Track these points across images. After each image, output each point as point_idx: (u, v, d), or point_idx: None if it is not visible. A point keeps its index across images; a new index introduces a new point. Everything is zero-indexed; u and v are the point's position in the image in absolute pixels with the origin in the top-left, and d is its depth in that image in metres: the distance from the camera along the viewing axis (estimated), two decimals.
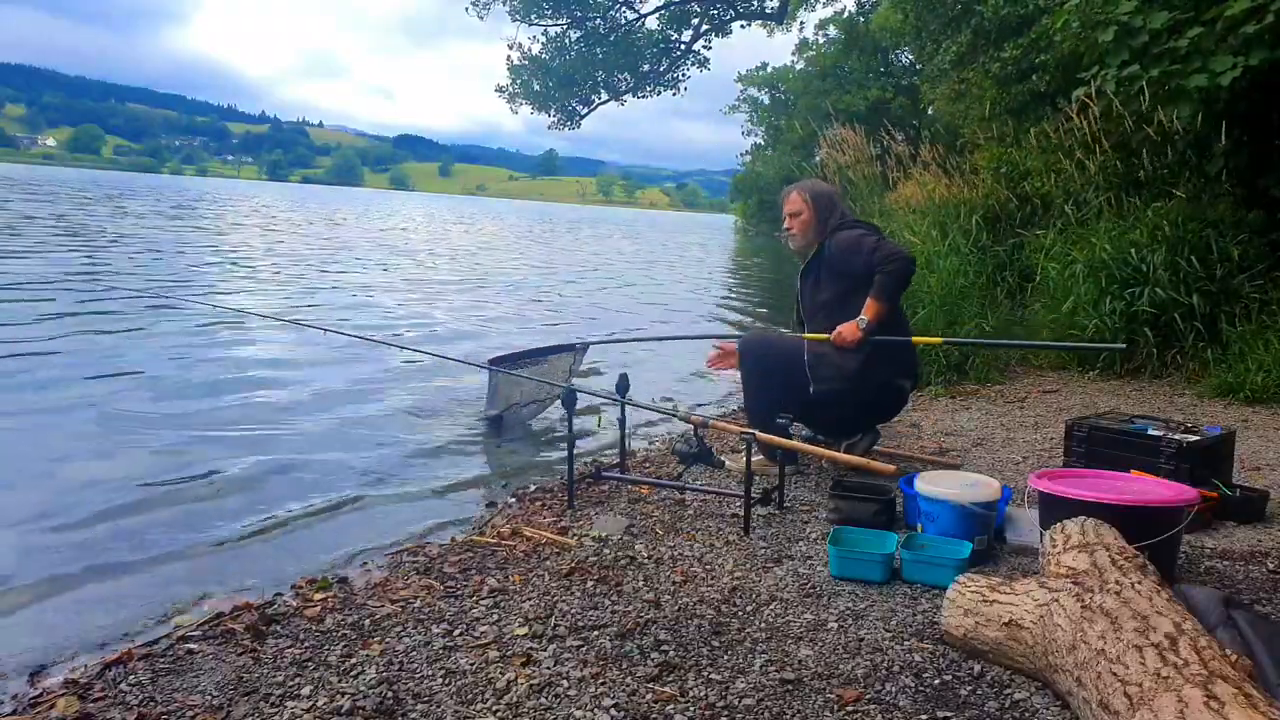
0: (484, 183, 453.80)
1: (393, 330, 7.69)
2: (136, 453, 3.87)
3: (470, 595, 2.41)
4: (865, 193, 8.88)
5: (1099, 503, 2.33)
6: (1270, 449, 4.06)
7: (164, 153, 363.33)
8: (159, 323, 7.17)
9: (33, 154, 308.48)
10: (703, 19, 25.42)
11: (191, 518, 3.16)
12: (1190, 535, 2.78)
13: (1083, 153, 6.88)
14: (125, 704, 1.84)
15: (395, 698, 1.84)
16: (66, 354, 5.78)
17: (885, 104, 23.22)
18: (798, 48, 33.42)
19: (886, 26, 19.24)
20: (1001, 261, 7.36)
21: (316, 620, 2.25)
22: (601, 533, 2.89)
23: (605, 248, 26.66)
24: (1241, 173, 6.11)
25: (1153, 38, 5.69)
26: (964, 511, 2.66)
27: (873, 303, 3.33)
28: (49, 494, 3.32)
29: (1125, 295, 5.71)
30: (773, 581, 2.51)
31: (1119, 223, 6.18)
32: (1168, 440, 3.17)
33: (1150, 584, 1.79)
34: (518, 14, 23.71)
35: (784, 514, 3.13)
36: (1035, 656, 1.87)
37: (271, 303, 8.87)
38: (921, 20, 12.78)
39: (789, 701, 1.85)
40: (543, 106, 25.55)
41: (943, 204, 7.87)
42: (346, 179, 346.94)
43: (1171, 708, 1.35)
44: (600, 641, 2.11)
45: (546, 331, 8.16)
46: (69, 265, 10.76)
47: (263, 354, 6.31)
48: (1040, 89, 9.18)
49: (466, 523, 3.19)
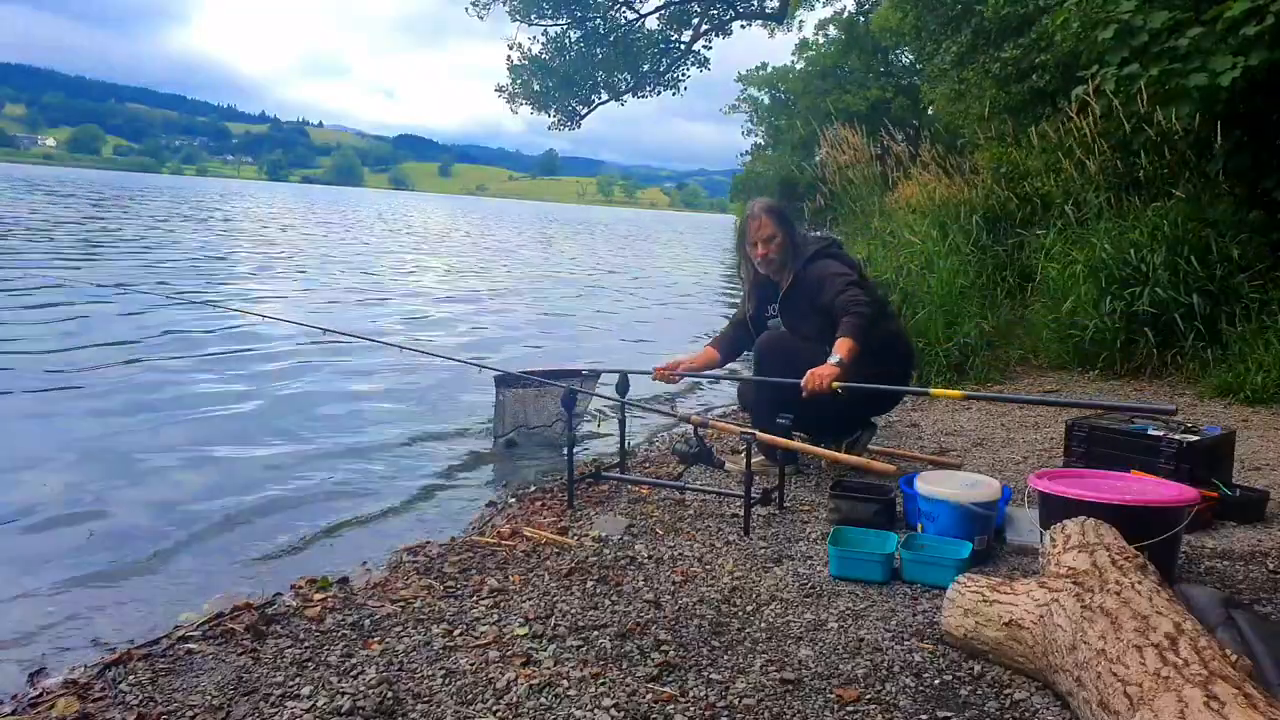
0: (484, 183, 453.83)
1: (409, 331, 7.72)
2: (137, 453, 3.87)
3: (470, 595, 2.41)
4: (865, 193, 8.87)
5: (1099, 503, 2.33)
6: (1270, 449, 4.06)
7: (164, 153, 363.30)
8: (162, 323, 7.17)
9: (33, 154, 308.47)
10: (703, 19, 25.40)
11: (190, 518, 3.15)
12: (1190, 535, 2.78)
13: (1083, 153, 6.88)
14: (125, 704, 1.84)
15: (395, 698, 1.84)
16: (69, 354, 5.78)
17: (885, 104, 23.22)
18: (798, 48, 33.42)
19: (886, 26, 19.21)
20: (1001, 261, 7.35)
21: (316, 620, 2.25)
22: (601, 533, 2.89)
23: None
24: (1241, 173, 6.11)
25: (1153, 37, 5.69)
26: (964, 511, 2.66)
27: (848, 340, 3.18)
28: (49, 494, 3.32)
29: (1125, 295, 5.71)
30: (773, 581, 2.50)
31: (1119, 223, 6.17)
32: (1168, 440, 3.17)
33: (1150, 584, 1.79)
34: (517, 14, 23.69)
35: (784, 514, 3.13)
36: (1035, 656, 1.87)
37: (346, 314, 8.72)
38: (921, 20, 12.79)
39: (789, 701, 1.85)
40: (543, 107, 25.53)
41: (943, 204, 7.86)
42: (346, 179, 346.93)
43: (1171, 708, 1.34)
44: (600, 641, 2.11)
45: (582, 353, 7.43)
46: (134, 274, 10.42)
47: (262, 353, 6.31)
48: (1041, 85, 9.18)
49: (466, 523, 3.19)
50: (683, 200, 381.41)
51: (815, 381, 3.06)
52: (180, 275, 10.72)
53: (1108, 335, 5.74)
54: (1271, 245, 5.83)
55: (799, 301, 3.53)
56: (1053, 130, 7.44)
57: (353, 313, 8.76)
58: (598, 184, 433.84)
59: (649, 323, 9.98)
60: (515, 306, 10.47)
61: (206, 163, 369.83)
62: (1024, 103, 9.65)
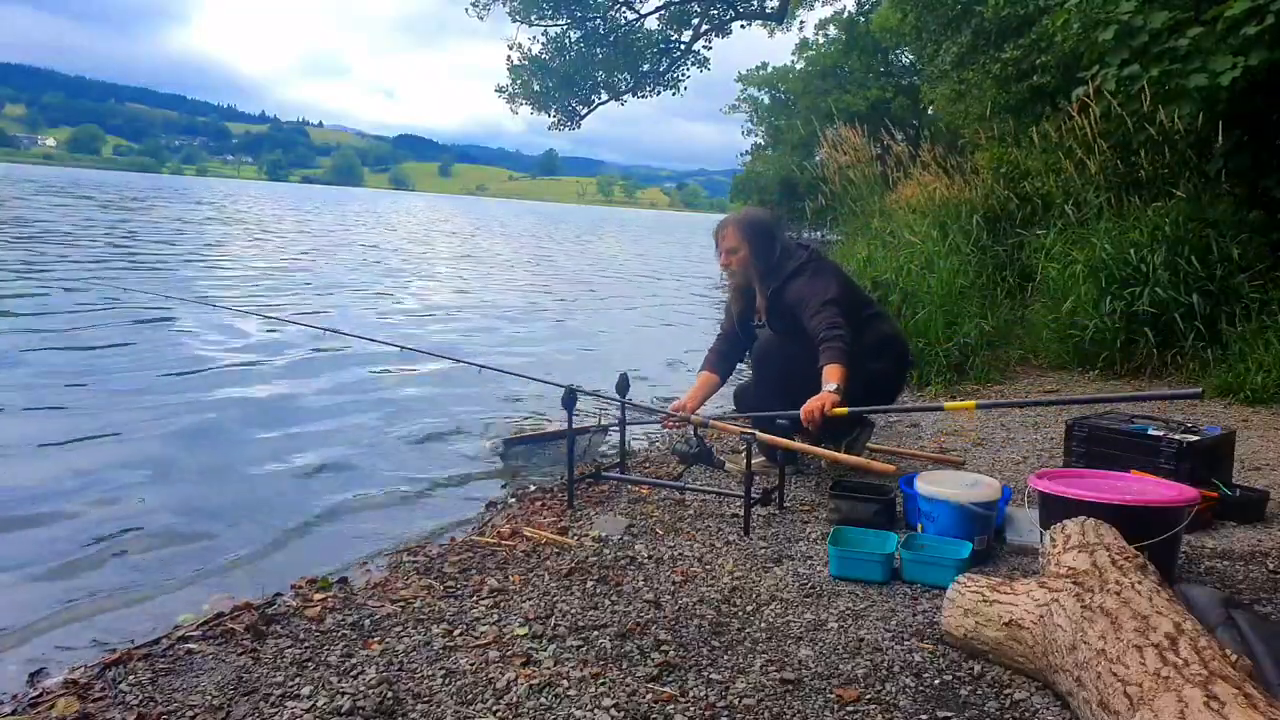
0: (484, 183, 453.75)
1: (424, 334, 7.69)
2: (136, 454, 3.87)
3: (470, 595, 2.41)
4: (865, 193, 8.87)
5: (1099, 503, 2.33)
6: (1270, 449, 4.06)
7: (164, 153, 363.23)
8: (164, 324, 7.18)
9: (33, 154, 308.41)
10: (703, 19, 25.37)
11: (191, 518, 3.16)
12: (1190, 535, 2.78)
13: (1083, 152, 6.88)
14: (125, 704, 1.84)
15: (395, 698, 1.84)
16: (76, 352, 5.78)
17: (885, 104, 23.25)
18: (798, 48, 33.45)
19: (886, 26, 19.24)
20: (1001, 261, 7.35)
21: (316, 620, 2.25)
22: (601, 533, 2.89)
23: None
24: (1242, 173, 6.11)
25: (1153, 37, 5.69)
26: (964, 511, 2.66)
27: (836, 367, 3.13)
28: (49, 494, 3.32)
29: (1125, 295, 5.71)
30: (773, 581, 2.50)
31: (1119, 223, 6.17)
32: (1168, 440, 3.17)
33: (1150, 584, 1.79)
34: (517, 14, 23.67)
35: (784, 514, 3.13)
36: (1035, 656, 1.87)
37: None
38: (921, 20, 12.79)
39: (789, 701, 1.85)
40: (543, 107, 25.51)
41: (943, 204, 7.86)
42: (346, 179, 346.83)
43: (1172, 708, 1.34)
44: (600, 641, 2.11)
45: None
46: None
47: (262, 355, 6.31)
48: (1041, 85, 9.18)
49: (466, 523, 3.19)
50: (682, 200, 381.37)
51: (814, 415, 3.01)
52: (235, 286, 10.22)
53: (1108, 335, 5.74)
54: (1271, 245, 5.83)
55: (781, 317, 3.48)
56: (1053, 130, 7.44)
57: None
58: (597, 184, 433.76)
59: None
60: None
61: (206, 163, 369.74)
62: (1024, 103, 9.65)
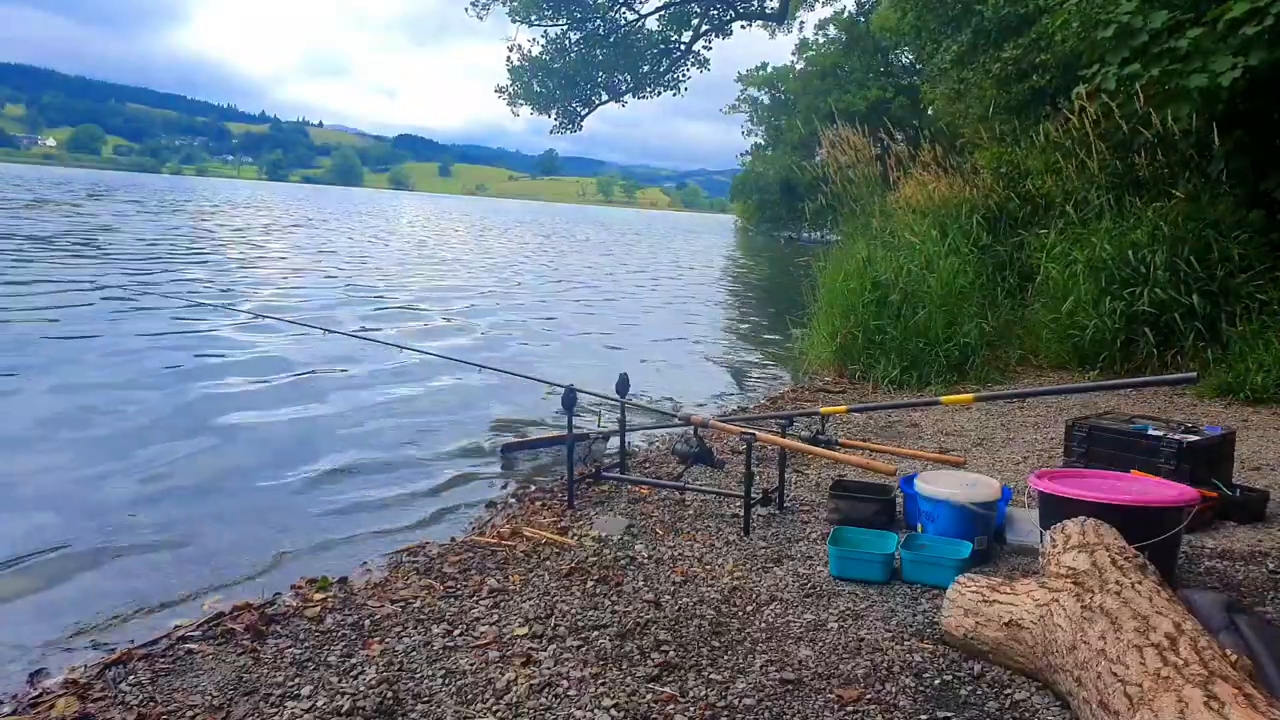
0: (484, 183, 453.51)
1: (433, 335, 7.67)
2: (137, 454, 3.87)
3: (470, 595, 2.41)
4: (865, 193, 8.86)
5: (1099, 503, 2.33)
6: (1270, 449, 4.06)
7: (164, 153, 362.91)
8: (168, 320, 7.17)
9: (33, 154, 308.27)
10: (703, 19, 25.39)
11: (191, 518, 3.15)
12: (1190, 535, 2.78)
13: (1083, 153, 6.88)
14: (125, 704, 1.84)
15: (395, 698, 1.84)
16: (75, 352, 5.78)
17: (885, 104, 23.25)
18: (798, 48, 33.51)
19: (886, 26, 19.24)
20: (1002, 261, 7.35)
21: (316, 620, 2.25)
22: (601, 533, 2.89)
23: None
24: (1241, 173, 6.11)
25: (1153, 38, 5.69)
26: (964, 511, 2.66)
27: None
28: (49, 494, 3.32)
29: (1125, 295, 5.71)
30: (773, 581, 2.50)
31: (1119, 223, 6.18)
32: (1168, 440, 3.17)
33: (1150, 584, 1.79)
34: (517, 15, 23.68)
35: (784, 514, 3.13)
36: (1035, 656, 1.87)
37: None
38: (921, 20, 12.77)
39: (789, 701, 1.85)
40: (543, 108, 25.51)
41: (943, 204, 7.85)
42: (347, 179, 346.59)
43: (1171, 708, 1.34)
44: (600, 641, 2.11)
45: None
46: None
47: (264, 354, 6.30)
48: (1041, 85, 9.17)
49: (466, 523, 3.19)
50: (683, 200, 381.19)
51: None
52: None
53: (1108, 335, 5.74)
54: (1271, 245, 5.83)
55: None
56: (1053, 130, 7.44)
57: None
58: (598, 184, 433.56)
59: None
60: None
61: (206, 163, 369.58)
62: (1024, 103, 9.64)
